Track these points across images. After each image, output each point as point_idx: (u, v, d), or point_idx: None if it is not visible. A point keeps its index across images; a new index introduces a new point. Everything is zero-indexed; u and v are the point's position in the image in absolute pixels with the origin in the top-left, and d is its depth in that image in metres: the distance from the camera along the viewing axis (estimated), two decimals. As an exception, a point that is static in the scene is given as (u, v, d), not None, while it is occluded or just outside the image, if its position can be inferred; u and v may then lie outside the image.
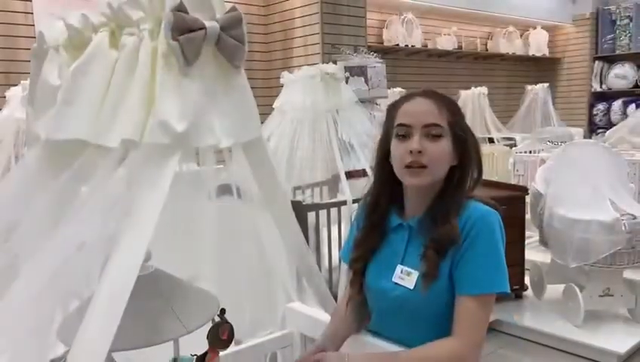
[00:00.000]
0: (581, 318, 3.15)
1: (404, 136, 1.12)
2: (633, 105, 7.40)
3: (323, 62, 4.10)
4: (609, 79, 7.84)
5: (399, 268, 1.15)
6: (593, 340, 3.03)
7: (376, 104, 4.58)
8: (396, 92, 5.93)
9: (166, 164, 0.74)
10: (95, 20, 0.80)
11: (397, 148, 1.14)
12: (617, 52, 7.78)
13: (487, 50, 7.29)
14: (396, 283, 1.14)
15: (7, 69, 3.91)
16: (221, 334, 0.93)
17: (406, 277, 1.13)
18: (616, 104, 7.73)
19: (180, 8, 0.74)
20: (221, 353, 1.04)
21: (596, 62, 7.92)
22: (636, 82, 7.61)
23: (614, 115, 7.70)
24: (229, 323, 0.94)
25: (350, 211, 2.97)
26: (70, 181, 0.76)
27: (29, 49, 3.37)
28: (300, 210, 2.57)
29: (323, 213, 2.82)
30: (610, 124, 7.38)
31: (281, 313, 1.41)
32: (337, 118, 3.12)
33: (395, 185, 1.19)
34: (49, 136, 0.76)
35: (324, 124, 3.13)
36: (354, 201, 2.91)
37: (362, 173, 3.09)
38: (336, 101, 3.09)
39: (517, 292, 3.68)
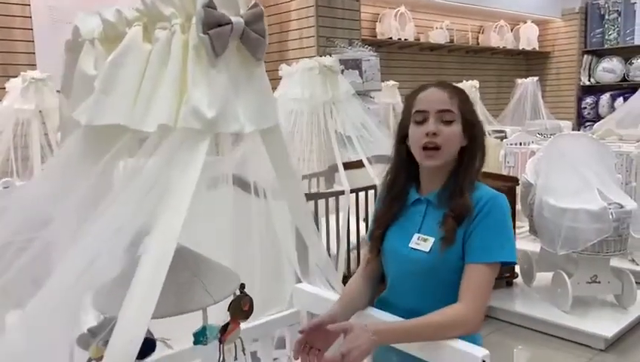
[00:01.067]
0: (569, 304, 3.26)
1: (421, 121, 1.26)
2: (621, 99, 7.53)
3: (319, 56, 4.16)
4: (597, 73, 7.97)
5: (416, 235, 1.28)
6: (581, 325, 3.15)
7: (371, 97, 4.65)
8: (390, 85, 6.02)
9: (198, 147, 0.81)
10: (129, 15, 0.86)
11: (415, 132, 1.28)
12: (606, 46, 7.90)
13: (478, 43, 7.38)
14: (412, 248, 1.27)
15: (4, 60, 3.92)
16: (243, 306, 1.01)
17: (422, 243, 1.26)
18: (604, 97, 7.86)
19: (210, 5, 0.81)
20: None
21: (585, 56, 8.05)
22: (624, 76, 7.74)
23: (602, 109, 7.83)
24: (248, 296, 1.02)
25: (348, 201, 3.05)
26: (108, 165, 0.83)
27: (26, 41, 3.39)
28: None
29: (321, 202, 2.89)
30: (598, 117, 7.52)
31: (289, 293, 1.49)
32: (334, 109, 3.19)
33: (412, 164, 1.33)
34: (89, 122, 0.83)
35: (321, 116, 3.20)
36: (352, 191, 2.99)
37: (360, 164, 3.17)
38: (334, 93, 3.16)
39: (507, 279, 3.79)
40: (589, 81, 8.06)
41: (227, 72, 0.85)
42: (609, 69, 7.89)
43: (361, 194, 3.08)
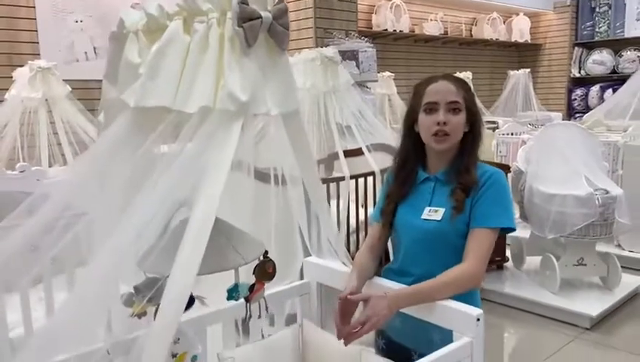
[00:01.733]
0: (557, 285, 3.43)
1: (432, 110, 1.41)
2: (610, 91, 7.69)
3: (316, 47, 4.26)
4: (588, 65, 8.13)
5: (427, 208, 1.44)
6: (568, 305, 3.32)
7: (367, 87, 4.77)
8: (385, 76, 6.14)
9: (232, 127, 0.93)
10: (170, 10, 0.97)
11: (426, 120, 1.43)
12: (596, 39, 8.06)
13: (471, 35, 7.50)
14: (425, 219, 1.43)
15: (9, 49, 3.99)
16: (267, 269, 1.13)
17: (434, 213, 1.42)
18: (594, 89, 8.02)
19: (244, 1, 0.92)
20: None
21: (576, 48, 8.20)
22: (613, 68, 7.90)
23: (592, 100, 7.99)
24: (272, 260, 1.15)
25: (348, 187, 3.17)
26: (152, 146, 0.94)
27: (30, 30, 3.46)
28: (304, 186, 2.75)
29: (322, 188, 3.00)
30: (587, 109, 7.67)
31: (300, 266, 1.62)
32: (335, 99, 3.31)
33: (419, 147, 1.48)
34: (137, 104, 0.94)
35: (322, 105, 3.32)
36: (352, 177, 3.12)
37: (359, 152, 3.29)
38: (334, 83, 3.27)
39: (498, 263, 3.95)
40: (580, 73, 8.23)
41: (257, 60, 0.97)
42: (599, 61, 8.05)
43: (361, 180, 3.20)
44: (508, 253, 4.02)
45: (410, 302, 1.30)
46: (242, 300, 1.15)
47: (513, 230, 1.42)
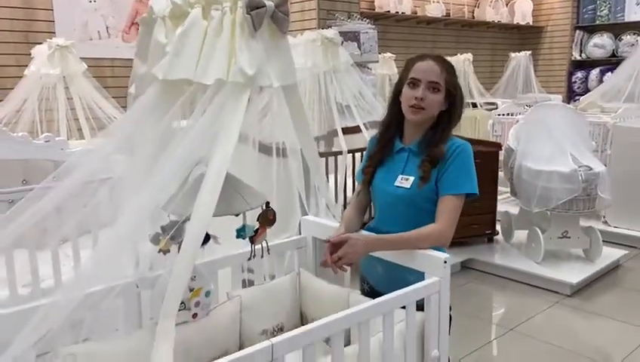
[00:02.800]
0: (541, 256, 3.66)
1: (414, 85, 1.60)
2: (609, 74, 7.81)
3: (319, 28, 4.44)
4: (588, 48, 8.24)
5: (400, 176, 1.63)
6: (551, 273, 3.56)
7: (368, 68, 4.94)
8: (386, 57, 6.30)
9: (242, 97, 1.14)
10: (191, -1, 1.18)
11: (407, 93, 1.61)
12: (597, 22, 8.15)
13: (473, 17, 7.62)
14: (397, 186, 1.63)
15: (26, 28, 4.19)
16: (269, 216, 1.36)
17: (404, 181, 1.61)
18: (594, 72, 8.14)
19: (251, -7, 1.13)
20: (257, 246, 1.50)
21: (577, 31, 8.30)
22: (613, 52, 8.01)
23: (591, 83, 8.10)
24: (272, 209, 1.37)
25: (345, 161, 3.39)
26: (174, 115, 1.16)
27: (46, 9, 3.65)
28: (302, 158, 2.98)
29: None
30: (587, 92, 7.75)
31: (298, 223, 1.85)
32: (334, 78, 3.51)
33: (400, 119, 1.67)
34: (165, 76, 1.15)
35: (322, 84, 3.52)
36: (349, 152, 3.34)
37: (357, 129, 3.49)
38: (334, 63, 3.47)
39: (489, 236, 4.19)
40: (580, 56, 8.34)
41: (262, 42, 1.18)
42: (599, 45, 8.16)
43: (357, 155, 3.42)
44: (498, 227, 4.24)
45: (383, 247, 1.52)
46: (248, 253, 1.38)
47: (476, 195, 1.60)
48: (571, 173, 3.43)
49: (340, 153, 3.30)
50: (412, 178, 1.61)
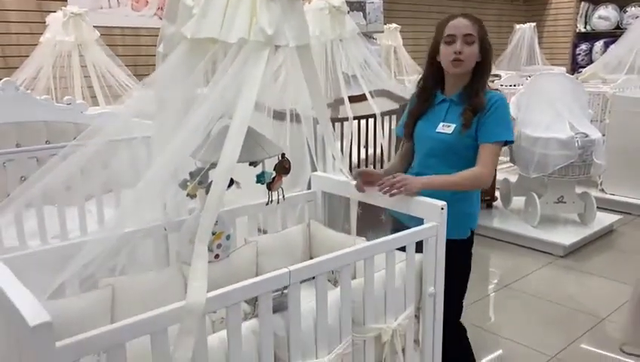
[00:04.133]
0: (537, 220, 3.82)
1: (451, 42, 1.74)
2: (613, 46, 7.84)
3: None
4: (593, 20, 8.24)
5: (441, 124, 1.79)
6: (546, 236, 3.73)
7: (373, 38, 5.02)
8: (392, 28, 6.36)
9: (262, 54, 1.27)
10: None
11: (446, 50, 1.75)
12: (603, -7, 8.14)
13: (479, -12, 7.61)
14: (438, 132, 1.79)
15: (40, -5, 4.27)
16: (285, 165, 1.51)
17: (446, 128, 1.78)
18: (598, 44, 8.16)
19: (271, -40, 1.25)
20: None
21: (582, 3, 8.29)
22: (618, 24, 8.01)
23: (596, 55, 8.11)
24: (288, 159, 1.52)
25: (351, 127, 3.52)
26: (200, 74, 1.29)
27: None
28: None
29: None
30: (591, 64, 7.83)
31: (309, 178, 2.00)
32: (341, 46, 3.61)
33: (439, 74, 1.82)
34: (193, 35, 1.29)
35: (329, 52, 3.62)
36: (355, 118, 3.46)
37: (363, 98, 3.61)
38: (341, 32, 3.56)
39: (488, 202, 4.34)
40: (585, 28, 8.34)
41: (280, 4, 1.31)
42: (604, 17, 8.16)
43: (363, 121, 3.55)
44: (497, 194, 4.40)
45: (434, 186, 1.68)
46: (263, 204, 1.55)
47: (513, 142, 1.82)
48: (568, 140, 3.56)
49: (346, 119, 3.42)
50: (454, 125, 1.77)
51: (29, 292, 1.01)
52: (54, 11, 3.90)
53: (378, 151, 3.59)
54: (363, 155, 3.68)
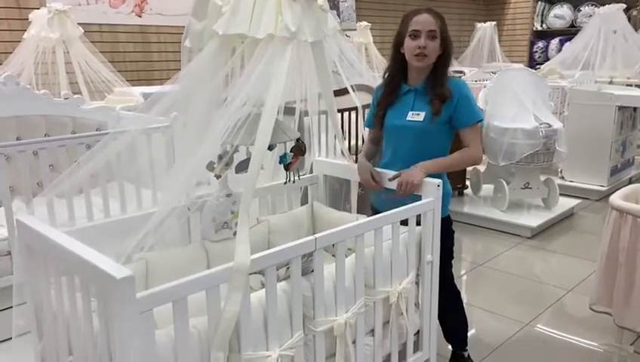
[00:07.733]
0: (506, 205, 4.12)
1: (415, 37, 1.88)
2: (568, 44, 8.32)
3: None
4: (549, 19, 8.72)
5: (410, 112, 1.94)
6: (514, 219, 4.02)
7: (347, 36, 5.23)
8: (363, 26, 6.58)
9: (287, 48, 1.45)
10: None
11: (410, 44, 1.90)
12: (557, -7, 8.62)
13: (443, -12, 7.93)
14: (409, 120, 1.93)
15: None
16: (301, 147, 1.69)
17: (416, 116, 1.93)
18: (554, 42, 8.63)
19: (293, -34, 1.42)
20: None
21: (539, 2, 8.75)
22: (572, 22, 8.50)
23: (551, 52, 8.59)
24: (303, 141, 1.70)
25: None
26: (229, 68, 1.45)
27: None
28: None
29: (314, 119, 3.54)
30: (547, 61, 8.27)
31: (311, 163, 2.19)
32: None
33: (404, 65, 1.97)
34: (225, 32, 1.44)
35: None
36: (338, 111, 3.65)
37: (345, 92, 3.80)
38: (324, 29, 3.74)
39: (459, 190, 4.62)
40: (541, 26, 8.81)
41: (300, 5, 1.48)
42: (559, 15, 8.64)
43: (346, 114, 3.75)
44: (467, 182, 4.68)
45: (435, 169, 1.85)
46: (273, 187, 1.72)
47: (482, 119, 2.01)
48: (533, 130, 3.86)
49: (330, 112, 3.62)
50: (423, 113, 1.92)
51: (103, 255, 1.16)
52: (34, 8, 3.92)
53: (360, 142, 3.80)
54: (346, 145, 3.88)
